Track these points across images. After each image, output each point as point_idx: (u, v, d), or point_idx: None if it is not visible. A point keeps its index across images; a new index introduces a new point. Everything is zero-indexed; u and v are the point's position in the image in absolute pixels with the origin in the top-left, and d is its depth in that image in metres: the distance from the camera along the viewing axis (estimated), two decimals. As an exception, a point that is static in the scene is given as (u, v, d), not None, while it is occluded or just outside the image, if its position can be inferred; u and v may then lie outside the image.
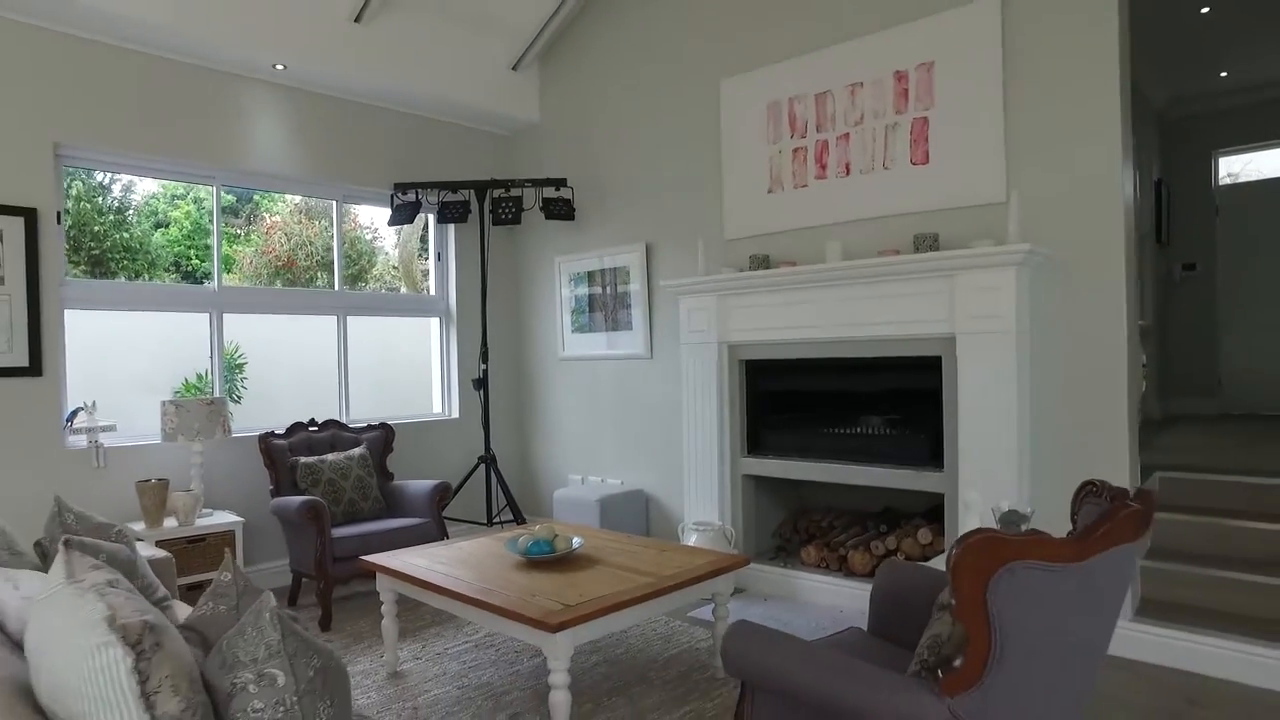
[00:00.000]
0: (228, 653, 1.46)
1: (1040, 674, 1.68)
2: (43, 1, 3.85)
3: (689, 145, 4.98)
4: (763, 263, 4.40)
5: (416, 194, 5.29)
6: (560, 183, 5.33)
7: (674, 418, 5.06)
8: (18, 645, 1.70)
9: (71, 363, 4.27)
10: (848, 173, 4.26)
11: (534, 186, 5.34)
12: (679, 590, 2.97)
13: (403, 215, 5.28)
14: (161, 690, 1.30)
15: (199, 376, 5.28)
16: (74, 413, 4.22)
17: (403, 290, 6.22)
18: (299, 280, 6.10)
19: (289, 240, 7.86)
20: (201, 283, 5.19)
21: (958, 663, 1.66)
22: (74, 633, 1.29)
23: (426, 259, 6.08)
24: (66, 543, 1.58)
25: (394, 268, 6.56)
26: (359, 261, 8.67)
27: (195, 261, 5.54)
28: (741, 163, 4.68)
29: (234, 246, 5.85)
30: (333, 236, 5.49)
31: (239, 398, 5.15)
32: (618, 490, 5.16)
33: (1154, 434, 5.77)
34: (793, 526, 4.71)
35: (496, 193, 5.36)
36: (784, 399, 4.53)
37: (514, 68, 5.75)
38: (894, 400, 4.15)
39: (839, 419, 4.33)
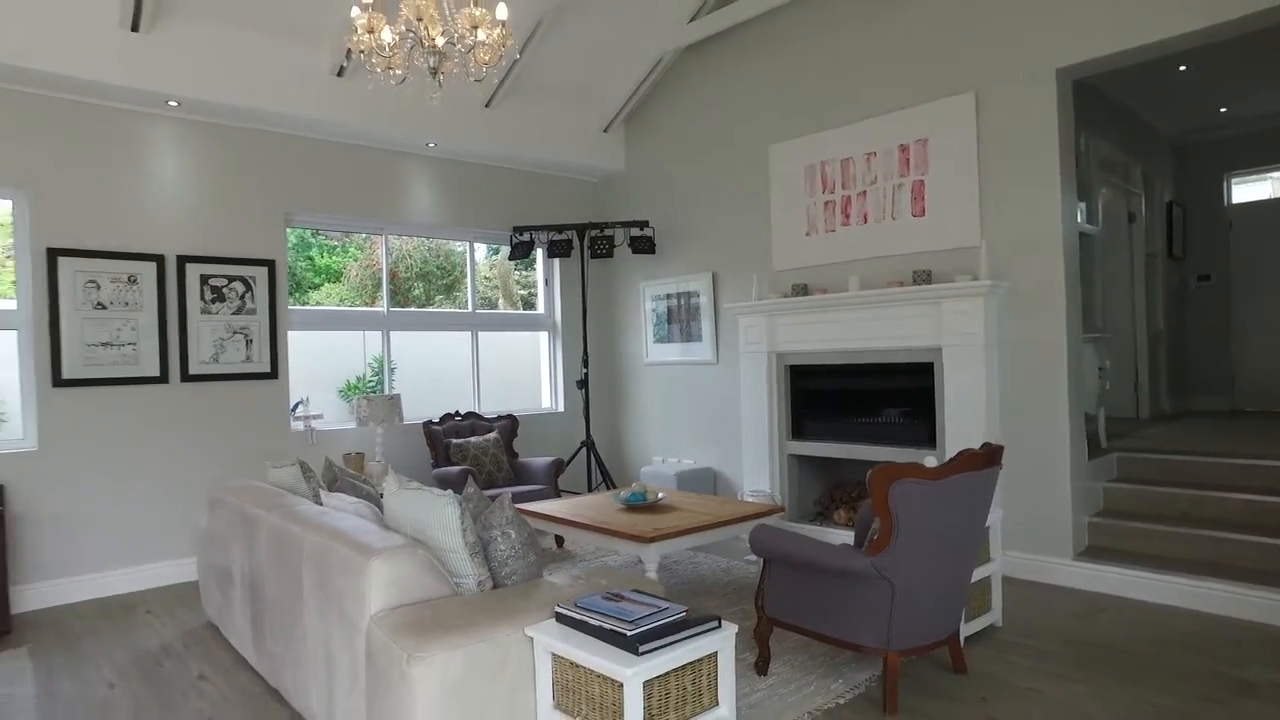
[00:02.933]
0: (486, 520, 2.90)
1: (922, 546, 2.98)
2: (276, 117, 5.46)
3: (745, 195, 6.31)
4: (802, 290, 5.71)
5: (530, 234, 6.78)
6: (644, 224, 6.74)
7: (734, 410, 6.39)
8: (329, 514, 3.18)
9: (292, 369, 5.89)
10: (865, 221, 5.53)
11: (623, 227, 6.77)
12: (731, 525, 4.32)
13: (520, 252, 6.78)
14: (466, 528, 2.74)
15: (359, 378, 6.92)
16: (296, 405, 5.84)
17: (501, 301, 7.73)
18: (400, 290, 7.60)
19: (390, 254, 9.46)
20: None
21: (874, 537, 2.98)
22: (431, 501, 2.75)
23: (522, 276, 7.58)
24: (387, 473, 3.05)
25: (485, 278, 8.06)
26: (452, 274, 10.24)
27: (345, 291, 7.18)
28: (785, 211, 5.99)
29: (333, 257, 7.36)
30: (418, 250, 7.03)
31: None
32: (691, 467, 6.54)
33: (1148, 426, 6.81)
34: (829, 497, 6.00)
35: (593, 233, 6.80)
36: (818, 396, 5.82)
37: (605, 130, 7.19)
38: (903, 397, 5.39)
39: (863, 411, 5.59)
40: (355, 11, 3.10)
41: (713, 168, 6.57)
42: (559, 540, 5.59)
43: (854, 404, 5.65)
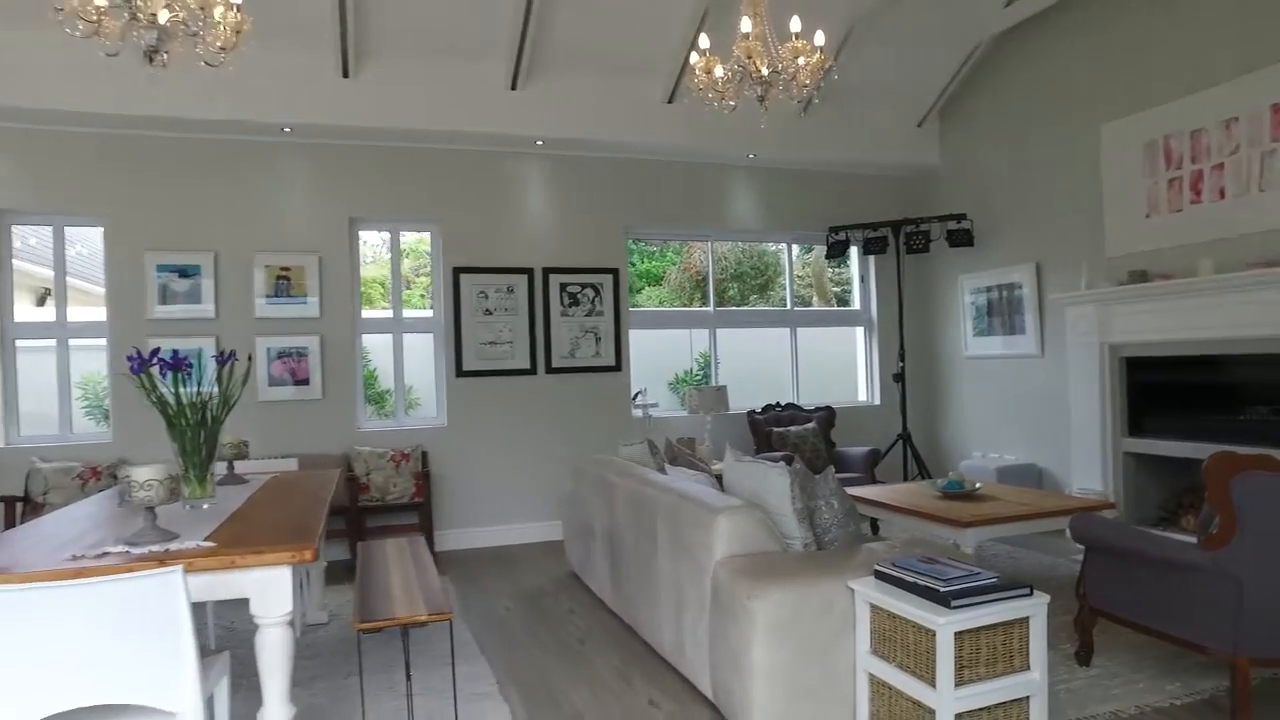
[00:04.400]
0: (811, 491, 3.27)
1: (1268, 542, 2.81)
2: (617, 145, 6.31)
3: (1072, 179, 6.00)
4: (1140, 276, 5.33)
5: (845, 234, 7.03)
6: (960, 216, 6.67)
7: (1060, 404, 6.10)
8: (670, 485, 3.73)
9: (632, 363, 6.74)
10: (1221, 197, 5.02)
11: (939, 221, 6.76)
12: (1054, 517, 4.25)
13: (836, 251, 7.06)
14: (795, 495, 3.14)
15: (687, 372, 7.65)
16: (636, 394, 6.69)
17: (814, 299, 8.01)
18: (716, 291, 8.12)
19: (706, 257, 10.13)
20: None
21: (1213, 531, 2.87)
22: (766, 471, 3.20)
23: (835, 273, 7.80)
24: (726, 451, 3.54)
25: (798, 276, 8.37)
26: (765, 274, 10.68)
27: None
28: (1121, 193, 5.61)
29: (652, 263, 8.03)
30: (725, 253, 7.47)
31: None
32: (1013, 463, 6.35)
33: None
34: (1178, 501, 5.51)
35: (908, 228, 6.87)
36: (1161, 390, 5.38)
37: (918, 125, 7.20)
38: (1271, 392, 4.82)
39: (1219, 407, 5.08)
40: (695, 58, 3.66)
41: (1035, 154, 6.32)
42: (874, 526, 5.80)
43: (1208, 399, 5.15)
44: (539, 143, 6.21)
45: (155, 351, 3.13)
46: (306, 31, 5.31)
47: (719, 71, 3.63)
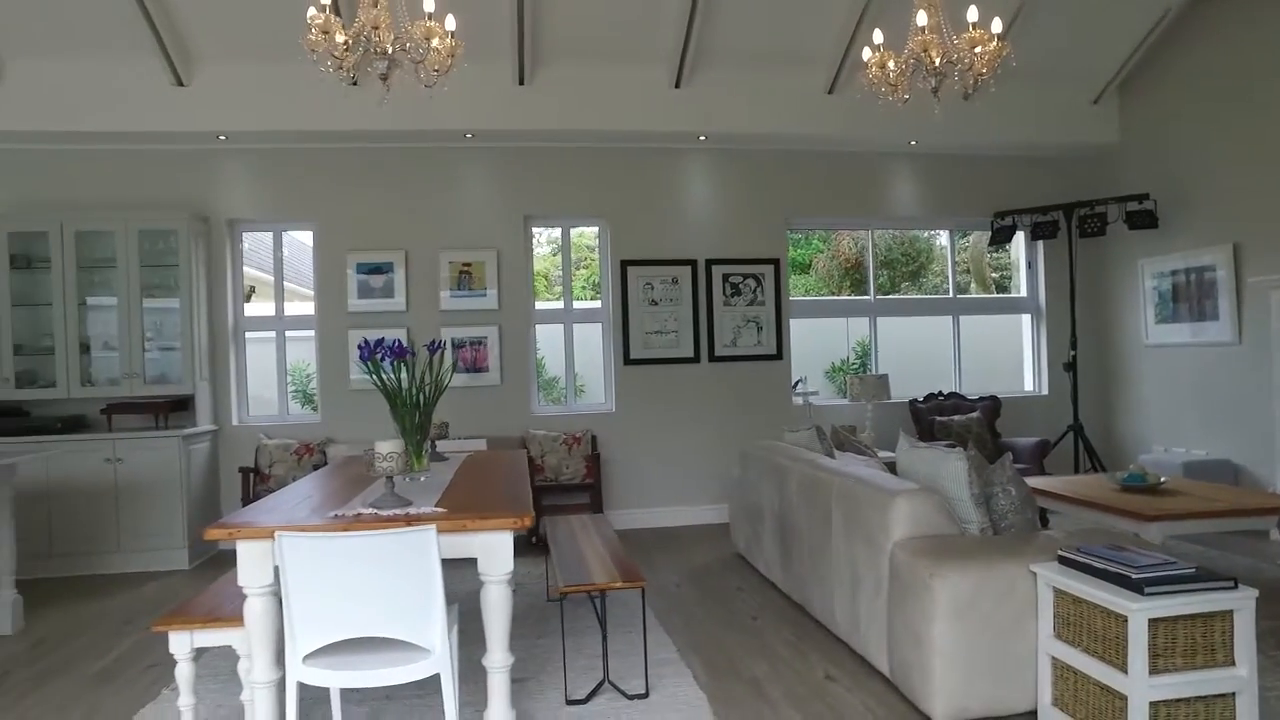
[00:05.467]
0: (988, 476, 3.30)
1: None
2: (776, 137, 6.40)
3: (1277, 152, 5.56)
4: (1356, 257, 4.90)
5: (1012, 219, 6.81)
6: (1142, 196, 6.32)
7: (1261, 396, 5.68)
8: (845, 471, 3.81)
9: (795, 350, 6.82)
10: None
11: (1117, 203, 6.43)
12: (1253, 516, 4.03)
13: (1002, 236, 6.86)
14: (972, 480, 3.19)
15: (843, 360, 7.65)
16: (796, 382, 6.79)
17: (973, 285, 7.79)
18: (864, 279, 8.01)
19: (856, 244, 9.96)
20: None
21: None
22: (943, 456, 3.26)
23: (994, 259, 7.55)
24: (900, 439, 3.61)
25: (955, 263, 8.14)
26: (917, 260, 10.40)
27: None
28: (1334, 166, 5.16)
29: (797, 250, 7.98)
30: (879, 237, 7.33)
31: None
32: (1202, 458, 5.99)
33: None
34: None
35: (1082, 211, 6.57)
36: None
37: (1094, 102, 6.86)
38: None
39: None
40: (867, 53, 3.73)
41: (1234, 126, 5.90)
42: (1042, 518, 5.64)
43: None
44: (701, 138, 6.40)
45: (379, 341, 3.55)
46: (487, 45, 5.73)
47: (892, 65, 3.68)
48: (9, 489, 4.37)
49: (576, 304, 6.78)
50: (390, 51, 3.26)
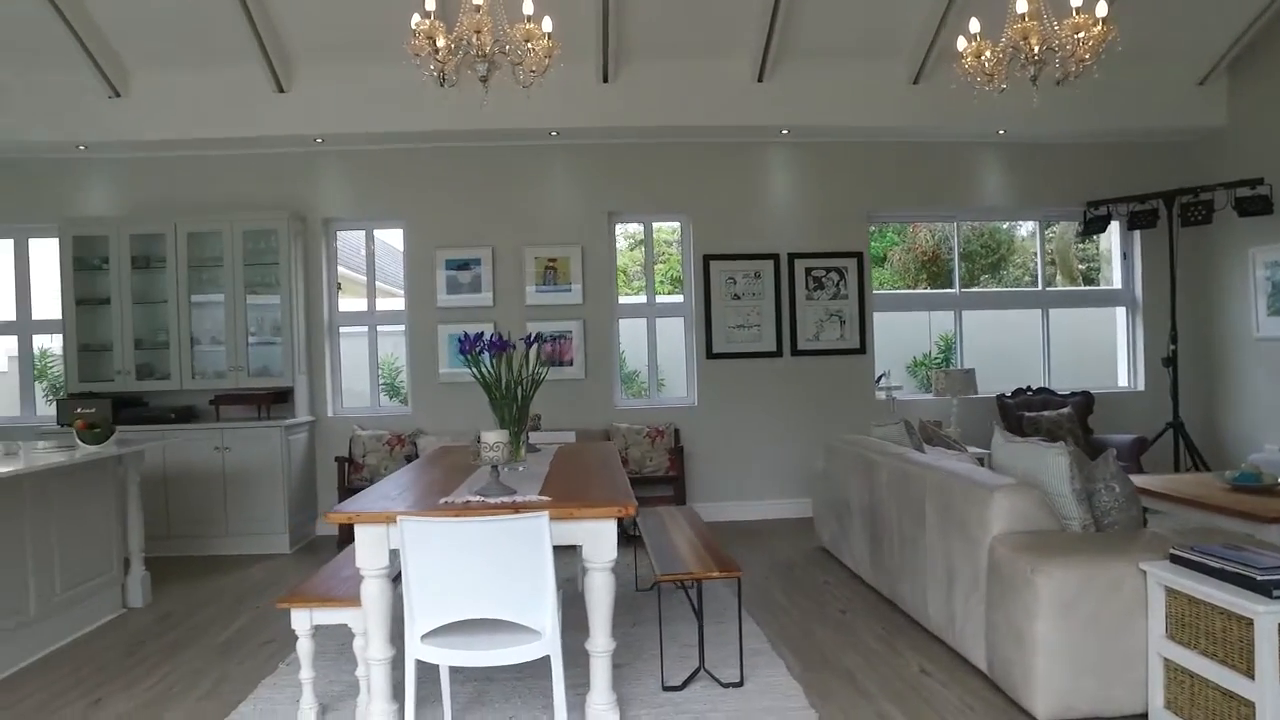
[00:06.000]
0: (1089, 472, 3.23)
1: None
2: (860, 130, 6.32)
3: (1403, 134, 5.25)
4: None
5: (1107, 208, 6.58)
6: (1256, 181, 6.02)
7: (1384, 393, 5.38)
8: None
9: (879, 342, 6.74)
10: None
11: (1225, 189, 6.14)
12: (1377, 517, 3.82)
13: (1095, 227, 6.64)
14: (1074, 476, 3.12)
15: (925, 354, 7.53)
16: (879, 377, 6.71)
17: (1058, 277, 7.55)
18: (941, 271, 7.85)
19: (933, 236, 9.72)
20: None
21: None
22: (1042, 451, 3.21)
23: (1081, 250, 7.31)
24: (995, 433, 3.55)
25: (1032, 255, 7.90)
26: (997, 252, 10.09)
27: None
28: None
29: (872, 244, 7.75)
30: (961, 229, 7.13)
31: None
32: (1317, 457, 5.69)
33: None
34: None
35: (1185, 198, 6.31)
36: None
37: (1200, 83, 6.57)
38: None
39: None
40: (962, 43, 3.67)
41: (1352, 107, 5.58)
42: (1142, 517, 5.45)
43: None
44: (784, 131, 6.38)
45: (479, 335, 3.67)
46: (571, 44, 5.76)
47: (988, 55, 3.62)
48: (137, 474, 4.68)
49: (661, 299, 6.85)
50: (490, 54, 3.36)
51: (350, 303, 6.89)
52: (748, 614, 4.14)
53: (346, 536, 6.09)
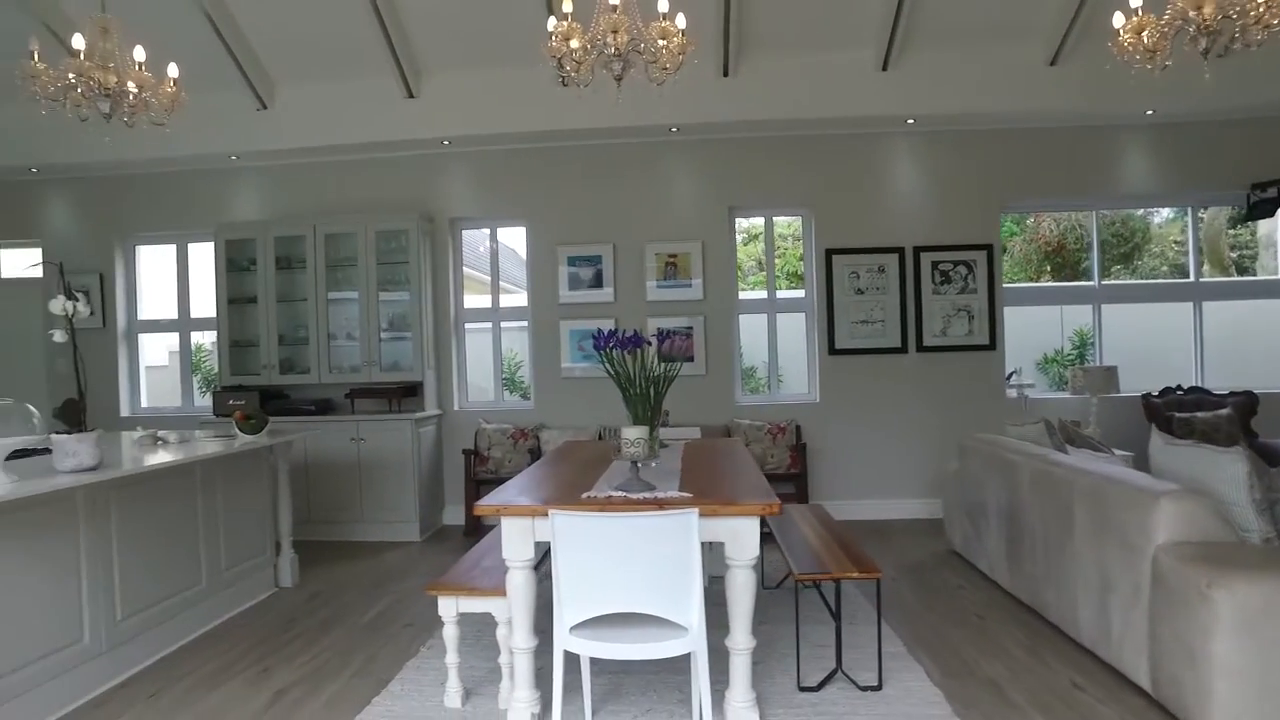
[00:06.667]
0: (1269, 481, 2.98)
1: None
2: (991, 116, 6.05)
3: None
4: None
5: (1277, 189, 6.07)
6: None
7: None
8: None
9: (1009, 340, 6.45)
10: None
11: None
12: None
13: (1263, 211, 6.14)
14: (1253, 485, 2.90)
15: (1057, 351, 7.15)
16: (1010, 374, 6.42)
17: (1205, 267, 6.99)
18: (1067, 263, 7.37)
19: (1058, 225, 9.14)
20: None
21: None
22: (1215, 456, 2.98)
23: (1233, 237, 6.75)
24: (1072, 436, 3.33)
25: (1175, 242, 7.34)
26: (1130, 240, 9.42)
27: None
28: None
29: None
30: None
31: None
32: None
33: None
34: None
35: (1363, 180, 5.75)
36: None
37: (1380, 53, 5.96)
38: None
39: None
40: (1119, 19, 3.46)
41: None
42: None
43: None
44: (910, 121, 6.18)
45: (613, 331, 3.71)
46: (693, 39, 5.80)
47: (1147, 32, 3.39)
48: (286, 463, 4.97)
49: (781, 294, 6.76)
50: (625, 53, 3.39)
51: (470, 299, 7.10)
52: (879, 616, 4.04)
53: (472, 527, 6.33)
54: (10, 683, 3.01)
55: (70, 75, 3.74)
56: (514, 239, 7.18)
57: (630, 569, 2.42)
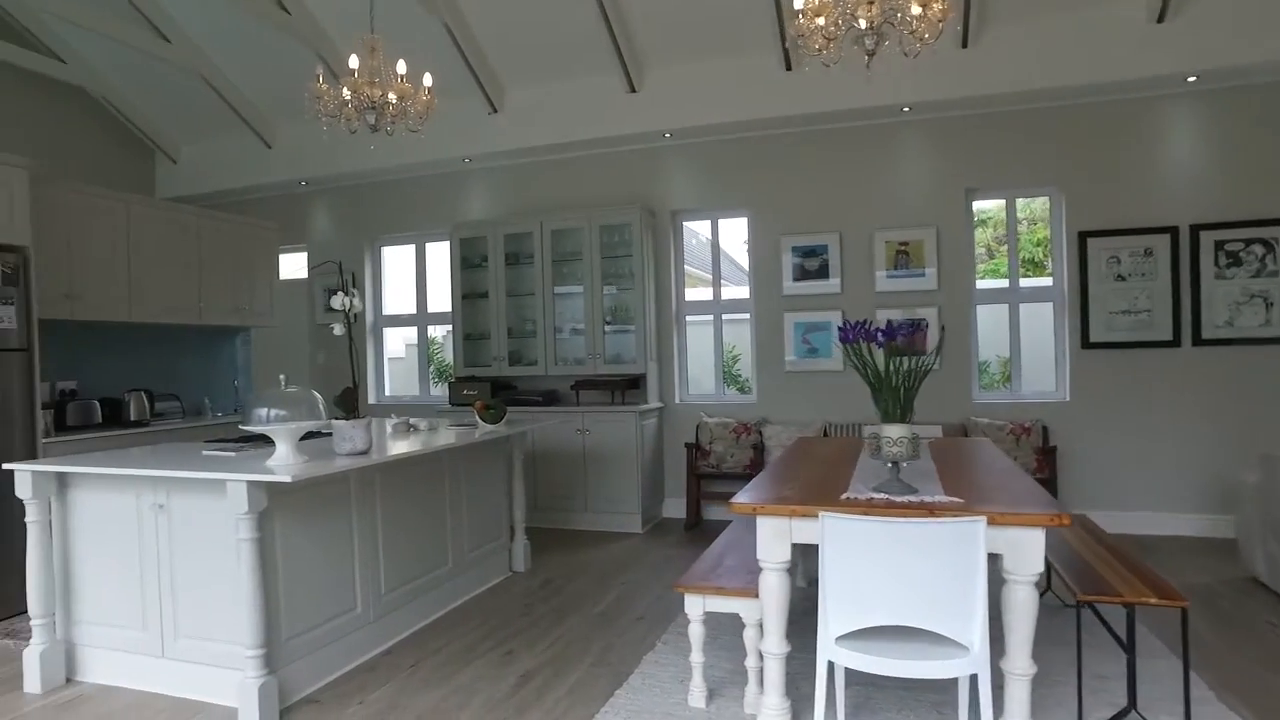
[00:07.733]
0: None
1: None
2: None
3: None
4: None
5: None
6: None
7: None
8: None
9: None
10: None
11: None
12: None
13: None
14: None
15: None
16: None
17: None
18: None
19: None
20: None
21: None
22: None
23: None
24: None
25: None
26: None
27: None
28: None
29: None
30: None
31: None
32: None
33: None
34: None
35: None
36: None
37: None
38: None
39: None
40: None
41: None
42: None
43: None
44: (1191, 79, 5.39)
45: (863, 323, 3.48)
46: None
47: None
48: (520, 452, 5.17)
49: (1026, 282, 6.17)
50: (878, 26, 3.15)
51: (691, 292, 7.08)
52: (1167, 649, 3.54)
53: (693, 521, 6.30)
54: (305, 641, 3.31)
55: (345, 92, 4.06)
56: (730, 235, 7.08)
57: (907, 579, 2.21)
